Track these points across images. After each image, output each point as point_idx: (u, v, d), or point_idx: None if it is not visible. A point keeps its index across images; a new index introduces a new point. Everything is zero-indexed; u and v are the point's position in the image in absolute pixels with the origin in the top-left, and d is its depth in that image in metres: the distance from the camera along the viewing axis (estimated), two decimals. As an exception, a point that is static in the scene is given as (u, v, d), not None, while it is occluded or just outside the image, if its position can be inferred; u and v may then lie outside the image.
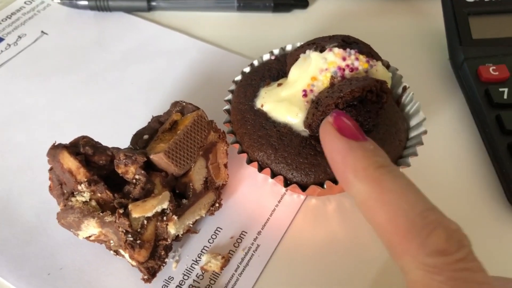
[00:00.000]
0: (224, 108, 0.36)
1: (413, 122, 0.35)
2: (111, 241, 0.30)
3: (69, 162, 0.28)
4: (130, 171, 0.29)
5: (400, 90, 0.37)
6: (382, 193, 0.20)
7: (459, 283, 0.17)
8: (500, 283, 0.24)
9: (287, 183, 0.32)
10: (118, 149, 0.30)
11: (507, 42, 0.42)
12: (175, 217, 0.30)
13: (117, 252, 0.32)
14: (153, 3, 0.51)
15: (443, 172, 0.38)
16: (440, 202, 0.36)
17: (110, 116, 0.42)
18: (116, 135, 0.39)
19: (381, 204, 0.20)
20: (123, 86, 0.44)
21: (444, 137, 0.40)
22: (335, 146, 0.23)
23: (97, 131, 0.38)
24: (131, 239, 0.28)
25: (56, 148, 0.29)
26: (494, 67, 0.40)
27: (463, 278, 0.17)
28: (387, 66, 0.38)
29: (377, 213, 0.20)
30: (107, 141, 0.31)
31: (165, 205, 0.29)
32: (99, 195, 0.29)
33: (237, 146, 0.34)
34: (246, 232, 0.34)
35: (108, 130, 0.40)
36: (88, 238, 0.30)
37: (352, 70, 0.31)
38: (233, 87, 0.38)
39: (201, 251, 0.33)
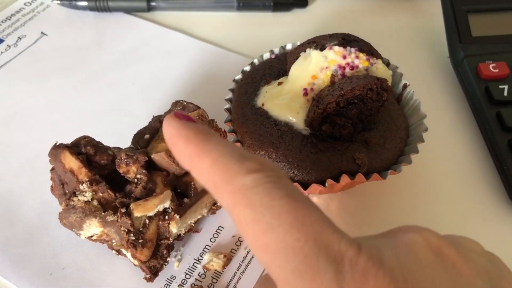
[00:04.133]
0: (225, 107, 0.36)
1: (413, 120, 0.35)
2: (113, 241, 0.30)
3: (71, 162, 0.28)
4: (132, 171, 0.29)
5: (400, 88, 0.37)
6: (207, 145, 0.21)
7: (270, 186, 0.19)
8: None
9: (288, 182, 0.32)
10: (119, 148, 0.30)
11: (507, 40, 0.42)
12: (177, 216, 0.30)
13: (119, 252, 0.32)
14: (153, 3, 0.51)
15: (444, 169, 0.38)
16: (441, 198, 0.36)
17: (111, 116, 0.42)
18: (117, 135, 0.39)
19: (205, 154, 0.21)
20: (123, 86, 0.44)
21: (444, 134, 0.40)
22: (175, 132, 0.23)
23: (98, 131, 0.38)
24: (133, 238, 0.28)
25: (57, 148, 0.29)
26: (494, 64, 0.40)
27: (272, 182, 0.19)
28: (387, 64, 0.38)
29: (200, 163, 0.21)
30: (108, 141, 0.31)
31: (167, 204, 0.29)
32: (100, 194, 0.29)
33: (238, 145, 0.34)
34: (248, 231, 0.34)
35: (108, 130, 0.40)
36: (90, 238, 0.31)
37: (352, 68, 0.31)
38: (233, 86, 0.38)
39: (203, 250, 0.33)
